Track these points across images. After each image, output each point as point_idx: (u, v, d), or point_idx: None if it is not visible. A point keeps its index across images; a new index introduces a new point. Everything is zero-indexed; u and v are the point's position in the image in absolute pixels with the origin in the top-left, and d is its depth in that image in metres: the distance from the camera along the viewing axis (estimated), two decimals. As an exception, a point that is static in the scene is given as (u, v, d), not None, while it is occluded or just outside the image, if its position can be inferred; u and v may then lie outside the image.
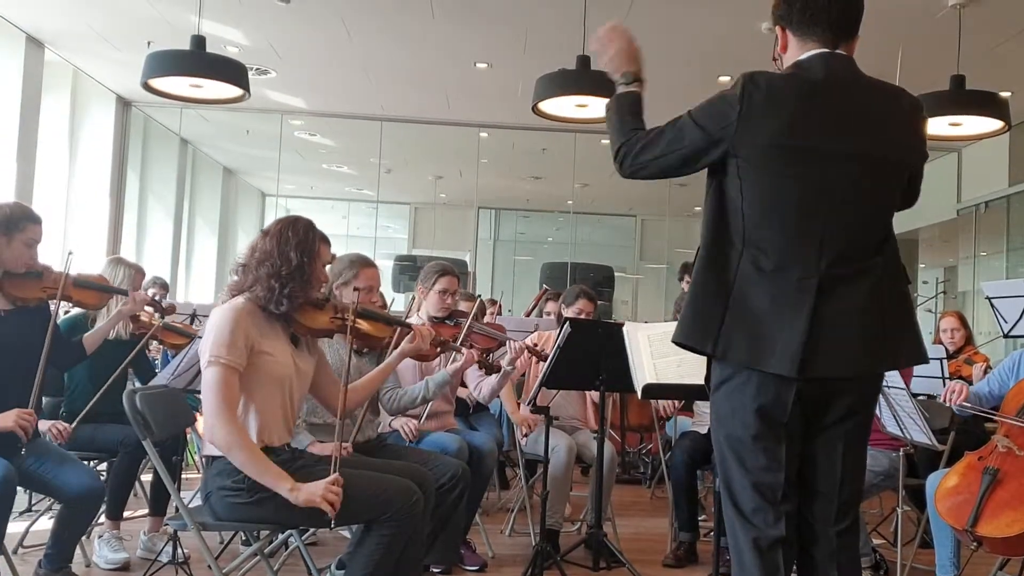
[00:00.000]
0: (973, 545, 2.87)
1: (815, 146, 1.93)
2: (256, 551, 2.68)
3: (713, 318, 1.95)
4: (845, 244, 1.94)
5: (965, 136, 5.57)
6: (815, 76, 1.97)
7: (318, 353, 2.79)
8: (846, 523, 2.03)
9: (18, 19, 6.27)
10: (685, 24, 5.73)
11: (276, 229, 2.60)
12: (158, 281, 6.20)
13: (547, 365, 3.45)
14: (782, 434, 1.97)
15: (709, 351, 1.97)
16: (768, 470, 1.97)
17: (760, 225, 1.95)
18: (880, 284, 1.97)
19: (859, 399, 2.03)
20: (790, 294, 1.91)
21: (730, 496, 2.03)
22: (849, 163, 1.94)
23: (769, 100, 1.94)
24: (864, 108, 1.97)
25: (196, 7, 5.30)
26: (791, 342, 1.89)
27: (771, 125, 1.93)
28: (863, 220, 1.97)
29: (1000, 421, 3.14)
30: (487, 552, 3.91)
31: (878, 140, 1.97)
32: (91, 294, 3.41)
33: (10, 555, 2.94)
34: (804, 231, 1.93)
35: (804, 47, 2.02)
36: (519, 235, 13.04)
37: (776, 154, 1.93)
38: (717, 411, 2.05)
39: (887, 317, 1.97)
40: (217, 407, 2.38)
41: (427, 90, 7.54)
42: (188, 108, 8.08)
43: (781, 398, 1.94)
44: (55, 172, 7.38)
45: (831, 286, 1.92)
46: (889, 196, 2.03)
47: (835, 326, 1.91)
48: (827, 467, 2.02)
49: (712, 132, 1.96)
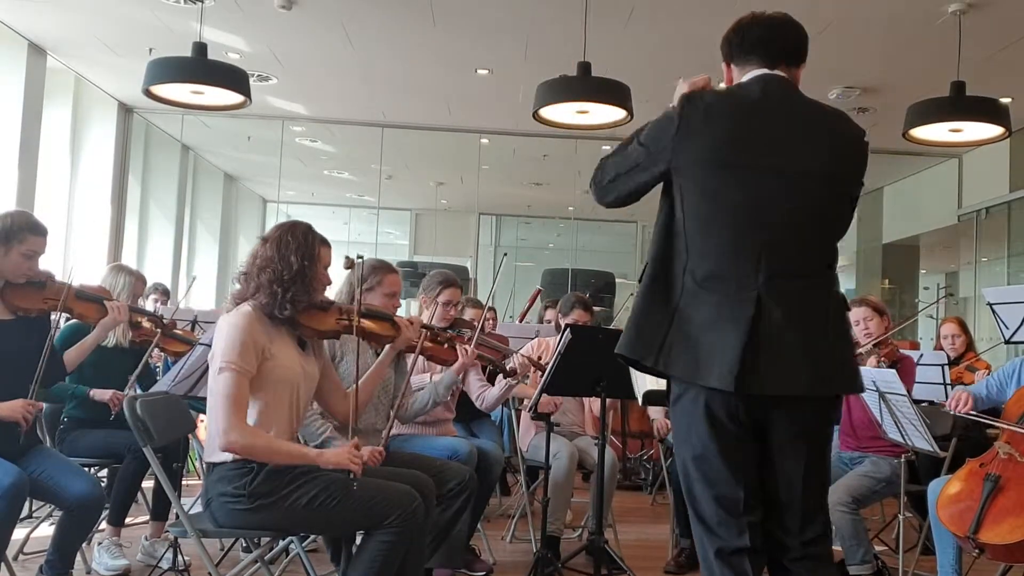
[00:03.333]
0: (975, 552, 2.87)
1: (751, 161, 1.96)
2: (257, 558, 2.68)
3: (656, 332, 1.97)
4: (785, 260, 1.96)
5: (965, 142, 5.58)
6: (752, 94, 2.03)
7: (323, 359, 2.79)
8: (811, 534, 2.02)
9: (20, 26, 6.28)
10: (684, 32, 5.73)
11: (275, 235, 2.61)
12: (159, 287, 6.22)
13: (547, 372, 3.45)
14: (737, 447, 1.98)
15: (651, 364, 1.98)
16: (727, 483, 1.98)
17: (700, 240, 1.97)
18: (824, 304, 1.99)
19: (810, 420, 2.01)
20: (729, 309, 1.93)
21: (694, 508, 2.04)
22: (785, 178, 1.96)
23: (706, 117, 1.99)
24: (801, 125, 2.01)
25: (197, 14, 5.31)
26: (728, 357, 1.89)
27: (707, 141, 1.97)
28: (803, 236, 1.99)
29: (1001, 428, 3.14)
30: (489, 559, 3.91)
31: (814, 157, 1.98)
32: (92, 307, 3.40)
33: (10, 562, 2.94)
34: (742, 246, 1.95)
35: (745, 70, 2.09)
36: (520, 241, 13.04)
37: (712, 169, 1.96)
38: (676, 426, 2.08)
39: (831, 339, 1.97)
40: (228, 412, 2.39)
41: (428, 96, 7.55)
42: (189, 115, 8.08)
43: (729, 412, 1.95)
44: (57, 179, 7.39)
45: (770, 301, 1.92)
46: (831, 213, 2.04)
47: (773, 342, 1.91)
48: (785, 480, 2.01)
49: (652, 150, 2.01)
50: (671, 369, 1.96)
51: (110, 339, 3.67)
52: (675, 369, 1.96)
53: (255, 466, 2.45)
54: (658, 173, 2.02)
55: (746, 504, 1.98)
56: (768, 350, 1.90)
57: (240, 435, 2.40)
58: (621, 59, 5.79)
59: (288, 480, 2.45)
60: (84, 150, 7.97)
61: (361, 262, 2.92)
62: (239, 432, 2.40)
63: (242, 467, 2.45)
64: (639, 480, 6.25)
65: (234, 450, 2.42)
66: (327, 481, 2.48)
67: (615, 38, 5.79)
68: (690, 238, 1.98)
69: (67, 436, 3.68)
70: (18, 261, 2.98)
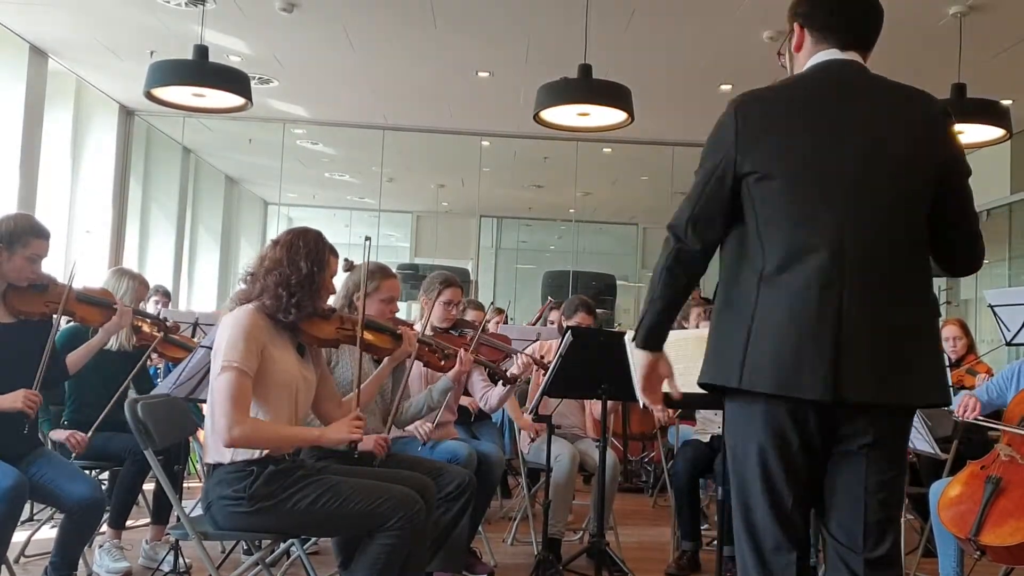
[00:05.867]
0: (976, 554, 2.86)
1: (823, 154, 1.84)
2: (257, 560, 2.67)
3: (736, 351, 1.84)
4: (865, 258, 1.82)
5: (966, 144, 5.56)
6: (823, 81, 1.91)
7: (322, 367, 2.80)
8: (880, 551, 1.86)
9: (22, 29, 6.29)
10: (686, 34, 5.74)
11: (287, 239, 2.61)
12: (160, 289, 6.21)
13: (549, 374, 3.45)
14: (803, 463, 1.86)
15: (736, 385, 1.84)
16: (789, 501, 1.86)
17: (776, 245, 1.84)
18: (911, 307, 1.86)
19: (888, 429, 1.87)
20: (813, 315, 1.80)
21: (749, 533, 1.90)
22: (859, 168, 1.83)
23: (766, 110, 1.90)
24: (876, 111, 1.88)
25: (199, 17, 5.32)
26: (818, 366, 1.77)
27: (773, 134, 1.87)
28: (884, 228, 1.84)
29: (1002, 430, 3.14)
30: (490, 561, 3.90)
31: (892, 143, 1.86)
32: (94, 310, 3.40)
33: (11, 565, 2.94)
34: (821, 247, 1.81)
35: (818, 49, 1.96)
36: (521, 243, 13.04)
37: (783, 167, 1.85)
38: (734, 443, 1.94)
39: (913, 342, 1.84)
40: (230, 409, 2.39)
41: (429, 99, 7.55)
42: (191, 117, 8.08)
43: (800, 421, 1.83)
44: (58, 181, 7.39)
45: (856, 304, 1.80)
46: (909, 201, 1.87)
47: (861, 348, 1.79)
48: (853, 492, 1.87)
49: (718, 160, 1.90)
50: (758, 386, 1.82)
51: (112, 343, 3.67)
52: (762, 384, 1.81)
53: (256, 468, 2.45)
54: (730, 182, 1.88)
55: (801, 524, 1.88)
56: (855, 356, 1.78)
57: (242, 428, 2.39)
58: (622, 61, 5.80)
59: (289, 483, 2.45)
60: (85, 153, 7.98)
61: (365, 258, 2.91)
62: (240, 427, 2.39)
63: (243, 469, 2.45)
64: (640, 482, 6.25)
65: (239, 443, 2.41)
66: (328, 483, 2.48)
67: (616, 40, 5.79)
68: (765, 244, 1.85)
69: (68, 439, 3.68)
70: (21, 265, 2.98)
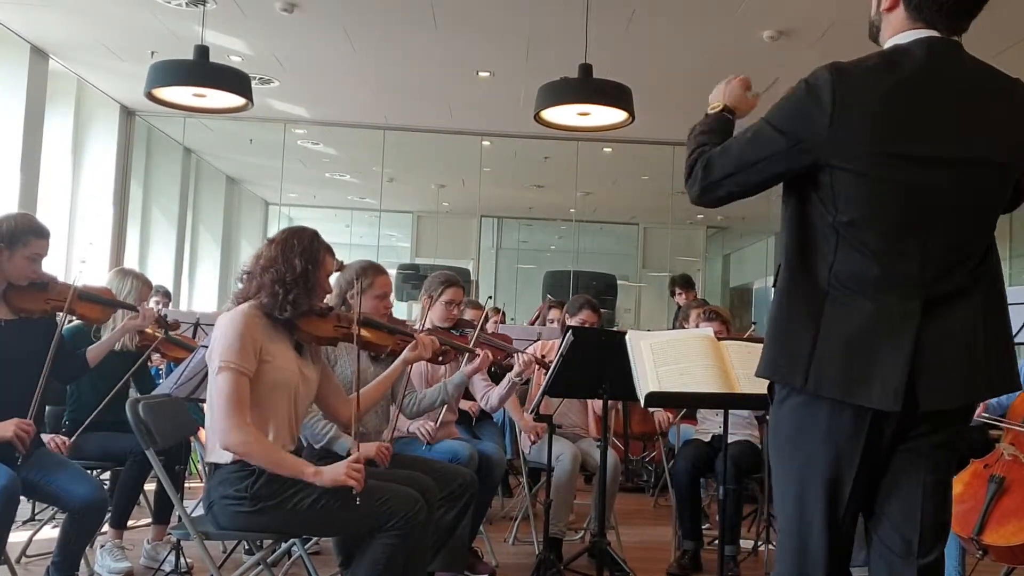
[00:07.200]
0: (979, 554, 2.86)
1: (916, 150, 1.69)
2: (259, 560, 2.67)
3: (802, 348, 1.73)
4: (947, 259, 1.73)
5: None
6: (916, 65, 1.71)
7: (322, 364, 2.80)
8: (933, 556, 1.79)
9: (22, 30, 6.29)
10: (686, 34, 5.73)
11: (281, 237, 2.64)
12: (160, 289, 6.21)
13: (550, 373, 3.45)
14: (868, 467, 1.77)
15: (800, 384, 1.74)
16: (850, 512, 1.78)
17: (857, 242, 1.72)
18: (984, 302, 1.77)
19: (950, 429, 1.80)
20: (890, 318, 1.70)
21: (799, 552, 1.79)
22: (954, 167, 1.70)
23: (865, 96, 1.69)
24: (972, 103, 1.73)
25: (199, 17, 5.32)
26: (892, 374, 1.68)
27: (870, 126, 1.69)
28: (967, 230, 1.76)
29: (1006, 428, 3.13)
30: (491, 561, 3.90)
31: (987, 140, 1.72)
32: (96, 308, 3.40)
33: (13, 564, 2.94)
34: (906, 247, 1.71)
35: (911, 25, 1.76)
36: (522, 244, 13.04)
37: (878, 160, 1.69)
38: (793, 452, 1.82)
39: (989, 341, 1.76)
40: (229, 411, 2.39)
41: (429, 99, 7.55)
42: (191, 118, 8.09)
43: (871, 431, 1.74)
44: (59, 182, 7.40)
45: (934, 307, 1.71)
46: (994, 202, 1.80)
47: (939, 353, 1.70)
48: (910, 496, 1.79)
49: (798, 137, 1.73)
50: (822, 388, 1.72)
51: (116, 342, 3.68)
52: (827, 388, 1.72)
53: (257, 468, 2.45)
54: (803, 166, 1.74)
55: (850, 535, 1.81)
56: (931, 364, 1.70)
57: (240, 435, 2.40)
58: (622, 61, 5.79)
59: (290, 483, 2.45)
60: (86, 153, 7.98)
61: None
62: (240, 432, 2.40)
63: (244, 469, 2.45)
64: (641, 482, 6.24)
65: (234, 449, 2.41)
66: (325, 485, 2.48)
67: (616, 40, 5.79)
68: (842, 237, 1.72)
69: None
70: (22, 264, 2.98)
